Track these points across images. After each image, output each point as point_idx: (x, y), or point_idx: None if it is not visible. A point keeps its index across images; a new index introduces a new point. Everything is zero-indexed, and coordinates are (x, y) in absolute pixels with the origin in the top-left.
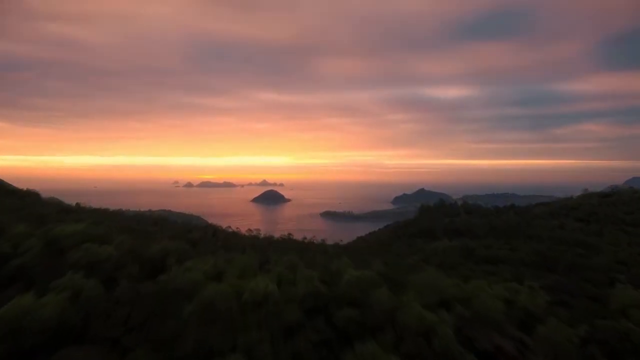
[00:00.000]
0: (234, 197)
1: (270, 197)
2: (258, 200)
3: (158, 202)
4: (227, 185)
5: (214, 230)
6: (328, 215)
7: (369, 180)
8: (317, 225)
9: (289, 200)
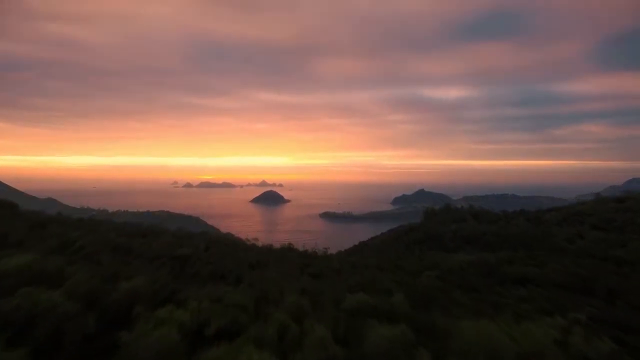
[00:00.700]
0: (233, 198)
1: (270, 198)
2: (257, 200)
3: (157, 203)
4: (227, 185)
5: (207, 244)
6: (327, 216)
7: (368, 181)
8: (317, 227)
9: (288, 200)
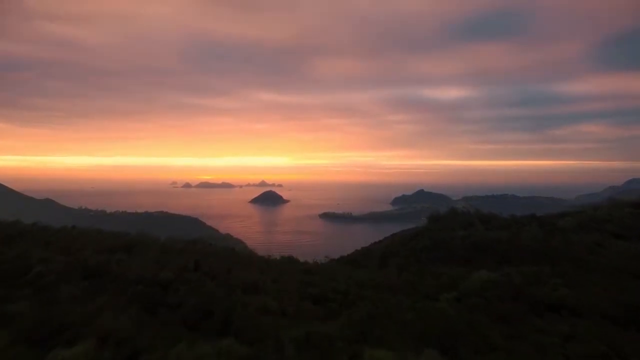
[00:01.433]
0: (233, 198)
1: (269, 198)
2: (257, 201)
3: (156, 203)
4: (226, 185)
5: (197, 261)
6: (327, 216)
7: (368, 181)
8: (316, 227)
9: (287, 201)
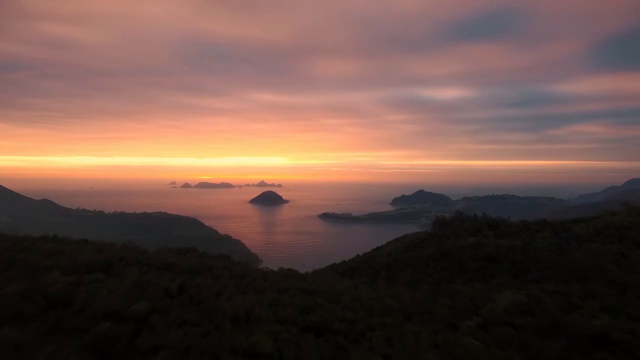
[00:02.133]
0: (232, 198)
1: (269, 198)
2: (256, 201)
3: (155, 203)
4: (225, 185)
5: (183, 282)
6: (326, 216)
7: (367, 181)
8: (316, 228)
9: (287, 201)
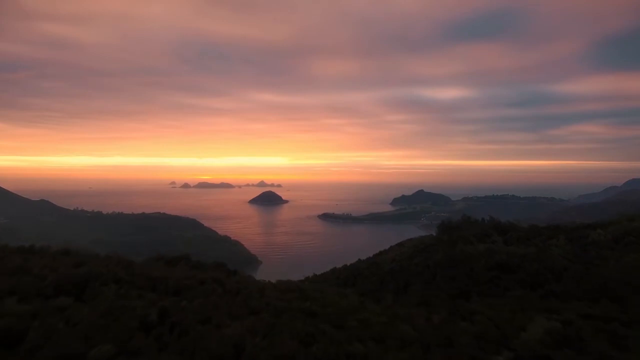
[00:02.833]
0: (232, 198)
1: (268, 198)
2: (255, 201)
3: (154, 203)
4: (225, 185)
5: (163, 309)
6: (326, 217)
7: (367, 181)
8: (316, 228)
9: (286, 201)
